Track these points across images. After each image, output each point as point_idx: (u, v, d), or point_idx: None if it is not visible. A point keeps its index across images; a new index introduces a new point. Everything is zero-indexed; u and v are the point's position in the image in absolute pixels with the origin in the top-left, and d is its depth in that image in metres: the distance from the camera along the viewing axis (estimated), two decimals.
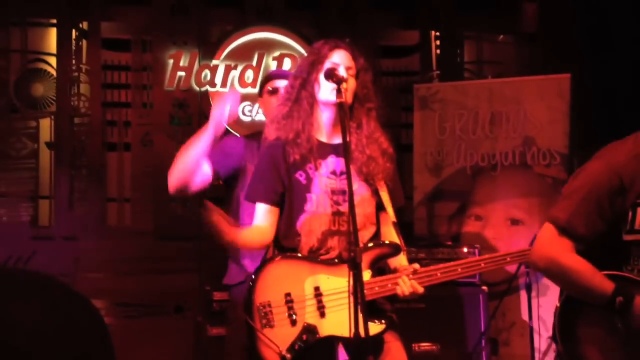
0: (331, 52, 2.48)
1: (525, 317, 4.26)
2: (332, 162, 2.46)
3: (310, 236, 2.41)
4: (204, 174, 2.78)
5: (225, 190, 2.95)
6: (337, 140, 2.46)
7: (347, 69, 2.45)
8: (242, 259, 2.86)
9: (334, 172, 2.45)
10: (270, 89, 2.97)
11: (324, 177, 2.44)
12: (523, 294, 4.34)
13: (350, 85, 2.43)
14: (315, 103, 2.48)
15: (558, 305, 2.13)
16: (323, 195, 2.42)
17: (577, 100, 4.78)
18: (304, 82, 2.49)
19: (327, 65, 2.44)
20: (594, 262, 2.03)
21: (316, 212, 2.42)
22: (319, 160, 2.45)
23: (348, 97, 2.42)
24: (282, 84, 2.85)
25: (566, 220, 2.03)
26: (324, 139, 2.49)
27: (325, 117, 2.49)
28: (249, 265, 2.80)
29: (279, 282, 2.35)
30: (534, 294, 4.05)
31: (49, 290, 1.59)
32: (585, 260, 2.03)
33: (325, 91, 2.43)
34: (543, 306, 4.21)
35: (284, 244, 2.46)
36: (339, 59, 2.46)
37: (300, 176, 2.44)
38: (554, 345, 3.85)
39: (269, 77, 3.05)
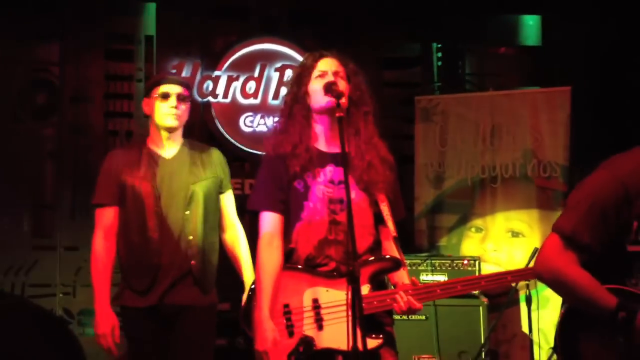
0: (317, 62, 2.52)
1: (525, 329, 4.26)
2: (330, 171, 2.47)
3: (306, 244, 2.42)
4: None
5: None
6: (336, 149, 2.47)
7: (335, 73, 2.48)
8: None
9: (331, 181, 2.46)
10: (161, 93, 2.96)
11: (322, 185, 2.45)
12: (524, 306, 4.34)
13: (342, 86, 2.45)
14: (311, 114, 2.50)
15: (560, 315, 2.12)
16: (320, 203, 2.43)
17: (578, 112, 4.80)
18: (295, 96, 2.53)
19: (315, 74, 2.48)
20: (598, 274, 2.02)
21: (312, 220, 2.42)
22: (317, 168, 2.46)
23: (342, 101, 2.43)
24: (174, 89, 2.95)
25: (571, 229, 2.02)
26: (322, 148, 2.51)
27: (322, 126, 2.51)
28: None
29: (279, 292, 2.37)
30: (534, 306, 4.05)
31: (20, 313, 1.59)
32: (589, 273, 2.02)
33: (317, 98, 2.46)
34: (543, 318, 4.22)
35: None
36: (326, 66, 2.50)
37: (298, 184, 2.46)
38: (554, 357, 3.85)
39: (161, 81, 3.02)
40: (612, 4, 4.87)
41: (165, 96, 2.94)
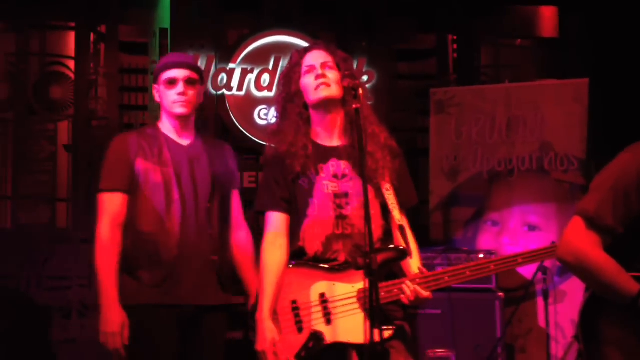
0: (303, 58, 2.51)
1: (542, 323, 4.23)
2: (333, 166, 2.46)
3: (314, 241, 2.41)
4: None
5: None
6: (336, 142, 2.48)
7: (323, 64, 2.46)
8: None
9: (335, 175, 2.45)
10: (168, 79, 2.72)
11: (326, 180, 2.44)
12: (540, 300, 4.31)
13: (332, 77, 2.43)
14: (305, 111, 2.49)
15: (582, 303, 2.10)
16: (325, 199, 2.42)
17: (596, 104, 4.74)
18: (287, 95, 2.52)
19: (304, 70, 2.47)
20: (621, 260, 2.00)
21: (319, 217, 2.41)
22: (319, 164, 2.45)
23: (334, 90, 2.43)
24: (180, 74, 2.71)
25: (594, 211, 2.01)
26: (324, 142, 2.49)
27: (319, 120, 2.49)
28: None
29: (285, 289, 2.36)
30: (551, 300, 4.02)
31: None
32: (612, 258, 2.00)
33: (310, 93, 2.45)
34: (560, 313, 4.19)
35: (290, 250, 2.46)
36: (312, 60, 2.48)
37: (303, 182, 2.44)
38: (571, 351, 3.83)
39: (167, 65, 2.75)
40: None
41: (172, 82, 2.71)
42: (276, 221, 2.45)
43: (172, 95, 2.72)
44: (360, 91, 2.28)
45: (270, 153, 2.52)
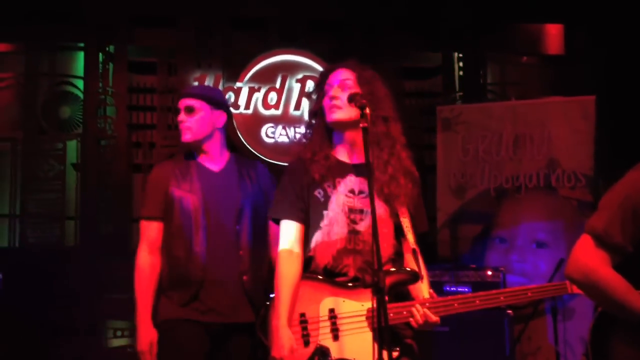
0: (328, 77, 2.54)
1: (551, 341, 4.20)
2: (351, 181, 2.47)
3: (325, 253, 2.42)
4: None
5: None
6: (357, 160, 2.49)
7: (342, 84, 2.49)
8: None
9: (352, 191, 2.46)
10: (178, 108, 2.97)
11: (342, 195, 2.45)
12: (549, 318, 4.28)
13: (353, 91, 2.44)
14: (328, 128, 2.53)
15: (593, 320, 2.10)
16: (340, 213, 2.43)
17: (603, 121, 4.74)
18: (313, 111, 2.58)
19: (326, 88, 2.51)
20: (630, 278, 2.00)
21: (331, 230, 2.42)
22: (337, 178, 2.47)
23: (345, 113, 2.44)
24: (182, 103, 2.93)
25: (603, 229, 2.00)
26: (343, 158, 2.52)
27: (341, 138, 2.52)
28: None
29: (295, 302, 2.37)
30: (559, 317, 4.00)
31: None
32: (621, 276, 2.00)
33: (326, 112, 2.49)
34: (569, 330, 4.16)
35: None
36: (333, 79, 2.52)
37: (318, 194, 2.46)
38: None
39: (179, 96, 3.02)
40: (636, 13, 4.81)
41: (177, 111, 2.95)
42: (292, 231, 2.47)
43: (179, 123, 2.95)
44: (367, 110, 2.28)
45: (293, 160, 2.56)
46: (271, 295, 2.45)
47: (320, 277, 2.41)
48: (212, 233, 2.82)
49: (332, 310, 2.35)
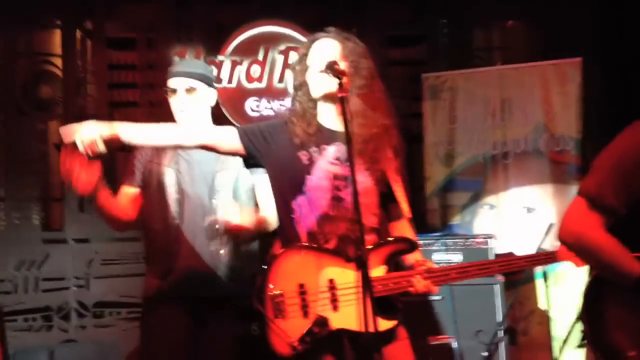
0: (309, 49, 2.51)
1: (543, 305, 4.22)
2: (337, 149, 2.44)
3: (307, 218, 2.39)
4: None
5: None
6: (343, 128, 2.44)
7: (326, 51, 2.44)
8: None
9: (338, 158, 2.44)
10: (170, 89, 2.91)
11: (327, 161, 2.43)
12: (540, 283, 4.30)
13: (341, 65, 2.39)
14: (313, 100, 2.49)
15: (586, 284, 2.10)
16: (324, 179, 2.41)
17: (589, 84, 4.71)
18: (297, 85, 2.54)
19: (311, 60, 2.47)
20: (625, 241, 2.00)
21: (314, 195, 2.39)
22: (323, 145, 2.44)
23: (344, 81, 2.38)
24: (180, 84, 2.87)
25: (595, 191, 2.00)
26: (330, 126, 2.48)
27: (326, 108, 2.49)
28: None
29: (293, 272, 2.34)
30: (551, 282, 4.00)
31: None
32: (615, 238, 1.99)
33: (315, 87, 2.45)
34: (561, 294, 4.17)
35: (281, 225, 2.47)
36: (317, 51, 2.48)
37: (303, 155, 2.43)
38: (574, 332, 3.81)
39: (170, 74, 2.94)
40: None
41: (173, 92, 2.90)
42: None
43: (174, 103, 2.93)
44: (345, 80, 2.24)
45: (277, 120, 2.56)
46: (264, 267, 2.41)
47: (316, 246, 2.38)
48: (186, 206, 2.82)
49: (331, 281, 2.34)
